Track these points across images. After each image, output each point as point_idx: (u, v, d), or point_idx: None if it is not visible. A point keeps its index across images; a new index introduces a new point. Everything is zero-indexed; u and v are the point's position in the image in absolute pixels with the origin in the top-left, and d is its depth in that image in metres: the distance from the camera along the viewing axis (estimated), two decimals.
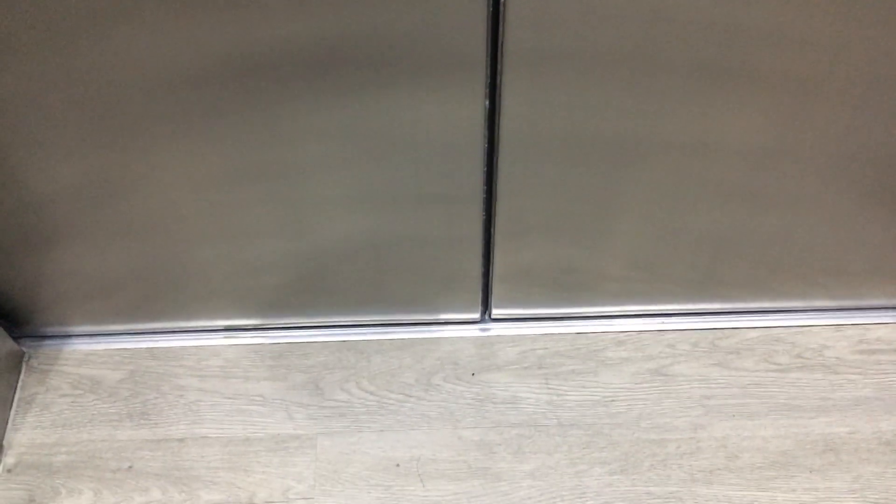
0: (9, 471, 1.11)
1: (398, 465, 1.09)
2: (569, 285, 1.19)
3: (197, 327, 1.24)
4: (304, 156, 0.97)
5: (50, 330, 1.24)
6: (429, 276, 1.16)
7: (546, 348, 1.22)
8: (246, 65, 0.85)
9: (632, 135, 0.96)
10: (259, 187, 1.01)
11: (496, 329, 1.25)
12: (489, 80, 0.88)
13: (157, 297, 1.18)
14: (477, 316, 1.25)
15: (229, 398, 1.17)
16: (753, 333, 1.23)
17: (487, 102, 0.90)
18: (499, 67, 0.87)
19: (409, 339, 1.24)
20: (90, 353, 1.23)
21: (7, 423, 1.15)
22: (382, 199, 1.03)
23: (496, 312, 1.24)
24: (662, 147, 0.98)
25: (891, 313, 1.26)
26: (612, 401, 1.15)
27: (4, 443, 1.13)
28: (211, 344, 1.24)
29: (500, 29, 0.83)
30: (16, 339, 1.22)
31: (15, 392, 1.19)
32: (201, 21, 0.80)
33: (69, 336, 1.25)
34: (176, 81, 0.86)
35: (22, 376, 1.20)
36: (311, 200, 1.03)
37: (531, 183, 1.02)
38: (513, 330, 1.25)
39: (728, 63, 0.88)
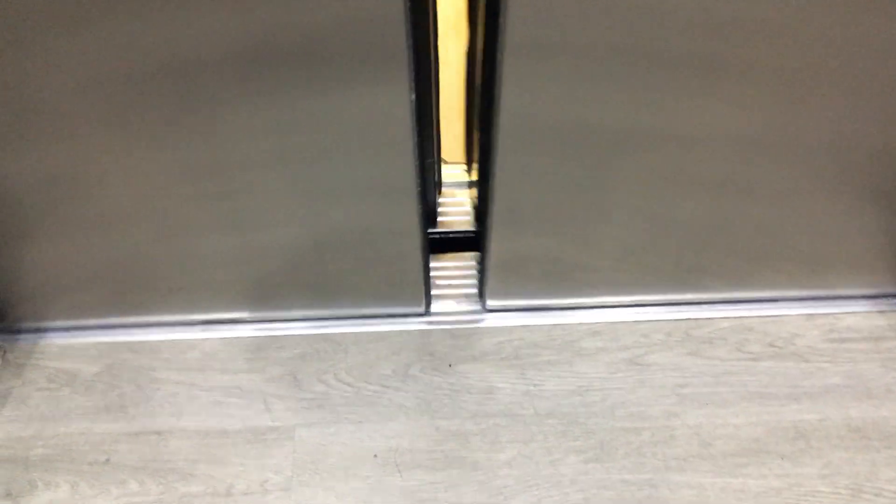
0: None
1: (376, 456, 1.09)
2: (547, 276, 1.20)
3: (174, 321, 1.24)
4: (253, 153, 0.97)
5: (26, 324, 1.24)
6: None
7: (522, 339, 1.23)
8: (178, 65, 0.85)
9: (621, 126, 0.97)
10: (217, 184, 1.01)
11: None
12: (414, 74, 0.89)
13: (133, 290, 1.18)
14: None
15: (206, 391, 1.17)
16: (726, 323, 1.25)
17: (413, 95, 0.91)
18: (431, 62, 0.87)
19: (386, 330, 1.24)
20: (66, 347, 1.23)
21: None
22: (340, 193, 1.04)
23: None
24: (651, 138, 0.99)
25: (861, 302, 1.28)
26: (588, 390, 1.16)
27: None
28: (188, 337, 1.24)
29: (501, 22, 0.84)
30: None
31: None
32: (135, 22, 0.81)
33: (45, 330, 1.25)
34: (118, 82, 0.87)
35: None
36: (282, 194, 1.04)
37: (525, 173, 1.03)
38: (490, 321, 1.26)
39: (720, 56, 0.89)
